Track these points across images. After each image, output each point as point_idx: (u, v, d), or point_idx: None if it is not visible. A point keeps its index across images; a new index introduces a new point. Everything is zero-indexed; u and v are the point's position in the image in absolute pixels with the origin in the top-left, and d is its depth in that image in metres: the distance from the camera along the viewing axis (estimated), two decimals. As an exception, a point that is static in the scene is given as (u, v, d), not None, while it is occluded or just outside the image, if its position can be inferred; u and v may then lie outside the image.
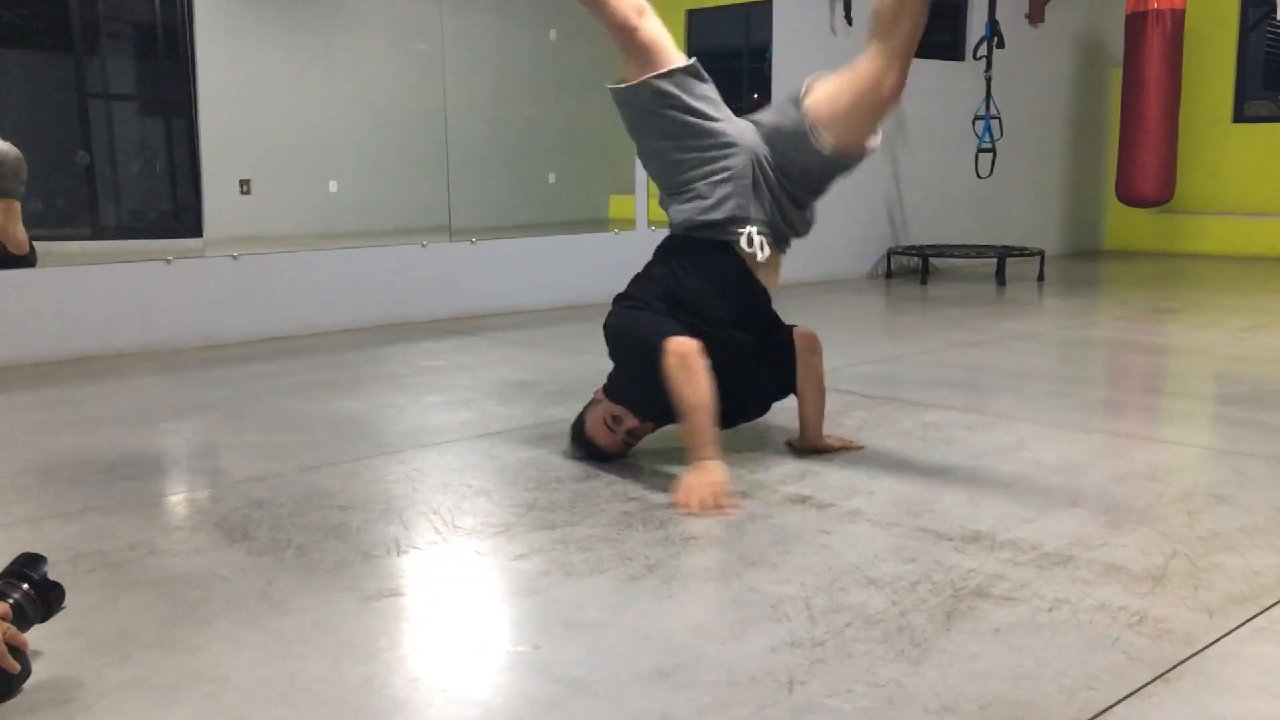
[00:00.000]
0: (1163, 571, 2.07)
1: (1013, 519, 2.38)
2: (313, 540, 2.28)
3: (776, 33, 6.74)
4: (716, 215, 2.71)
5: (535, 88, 6.53)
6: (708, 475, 2.49)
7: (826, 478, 2.71)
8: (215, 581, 2.06)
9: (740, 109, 2.92)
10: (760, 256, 2.76)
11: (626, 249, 6.10)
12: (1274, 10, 8.55)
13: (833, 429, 3.06)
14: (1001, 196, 8.10)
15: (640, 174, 6.11)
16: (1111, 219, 9.14)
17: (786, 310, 3.00)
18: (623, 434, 2.78)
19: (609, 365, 2.85)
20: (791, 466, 2.81)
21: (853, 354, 4.45)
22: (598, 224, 6.83)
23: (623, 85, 2.71)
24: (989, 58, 6.87)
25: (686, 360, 2.53)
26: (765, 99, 6.92)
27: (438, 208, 5.84)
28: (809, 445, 2.92)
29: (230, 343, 4.80)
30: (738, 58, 9.34)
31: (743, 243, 2.73)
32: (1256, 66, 9.05)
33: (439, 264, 5.50)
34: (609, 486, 2.63)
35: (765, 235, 2.77)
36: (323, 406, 3.57)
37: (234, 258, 4.86)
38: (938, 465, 2.82)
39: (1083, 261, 8.58)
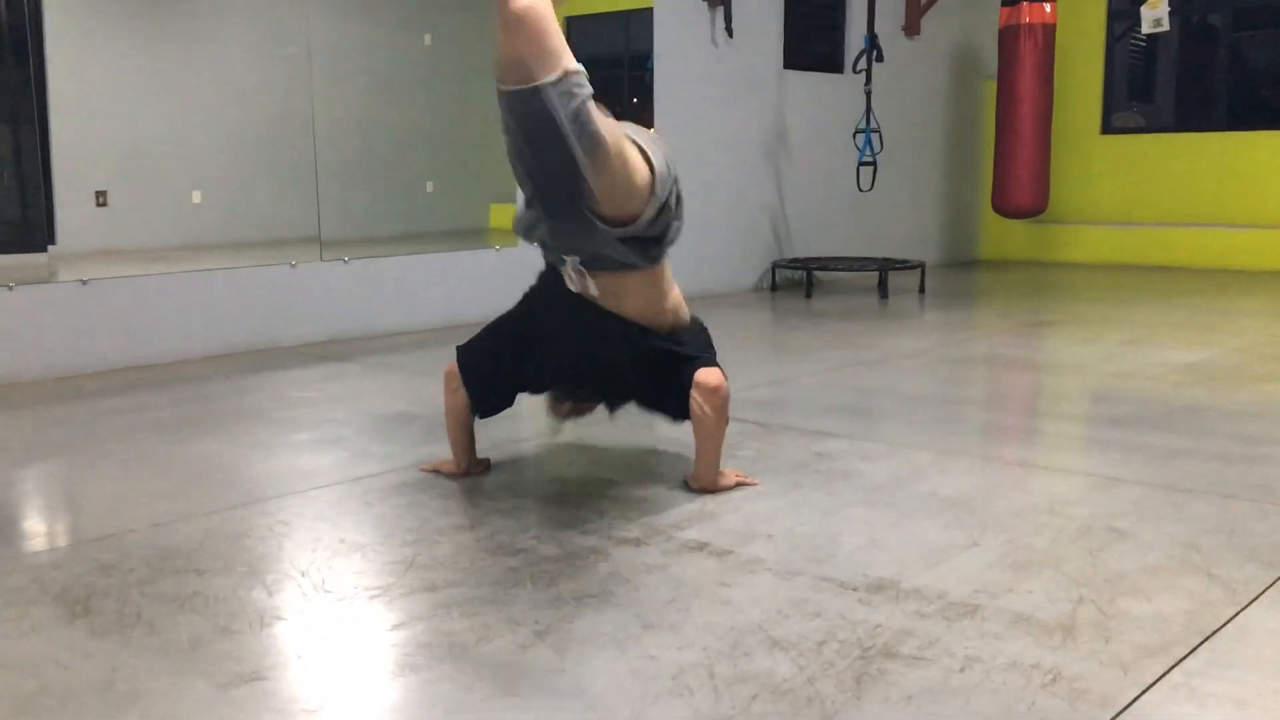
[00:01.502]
0: (1071, 620, 2.00)
1: (916, 562, 2.29)
2: (165, 614, 2.06)
3: (658, 43, 6.65)
4: (533, 239, 2.69)
5: (411, 94, 6.31)
6: None
7: (724, 520, 2.59)
8: (50, 669, 1.83)
9: (620, 114, 2.78)
10: (577, 287, 2.63)
11: (506, 265, 5.95)
12: (1138, 24, 8.81)
13: (728, 461, 2.95)
14: (882, 208, 8.15)
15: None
16: (987, 229, 9.29)
17: None
18: (566, 409, 3.04)
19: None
20: (688, 507, 2.68)
21: (742, 376, 4.34)
22: (478, 233, 6.64)
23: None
24: (868, 71, 6.88)
25: (447, 381, 2.87)
26: (646, 104, 6.82)
27: (309, 218, 5.58)
28: (702, 487, 2.80)
29: (81, 374, 4.47)
30: (619, 65, 9.25)
31: (566, 271, 2.65)
32: (1122, 79, 9.32)
33: (309, 284, 5.24)
34: (494, 538, 2.47)
35: (581, 264, 2.63)
36: (181, 448, 3.32)
37: (82, 282, 4.54)
38: (836, 502, 2.73)
39: (961, 271, 8.69)
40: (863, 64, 6.91)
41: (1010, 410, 4.02)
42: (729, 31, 6.88)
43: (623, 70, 9.19)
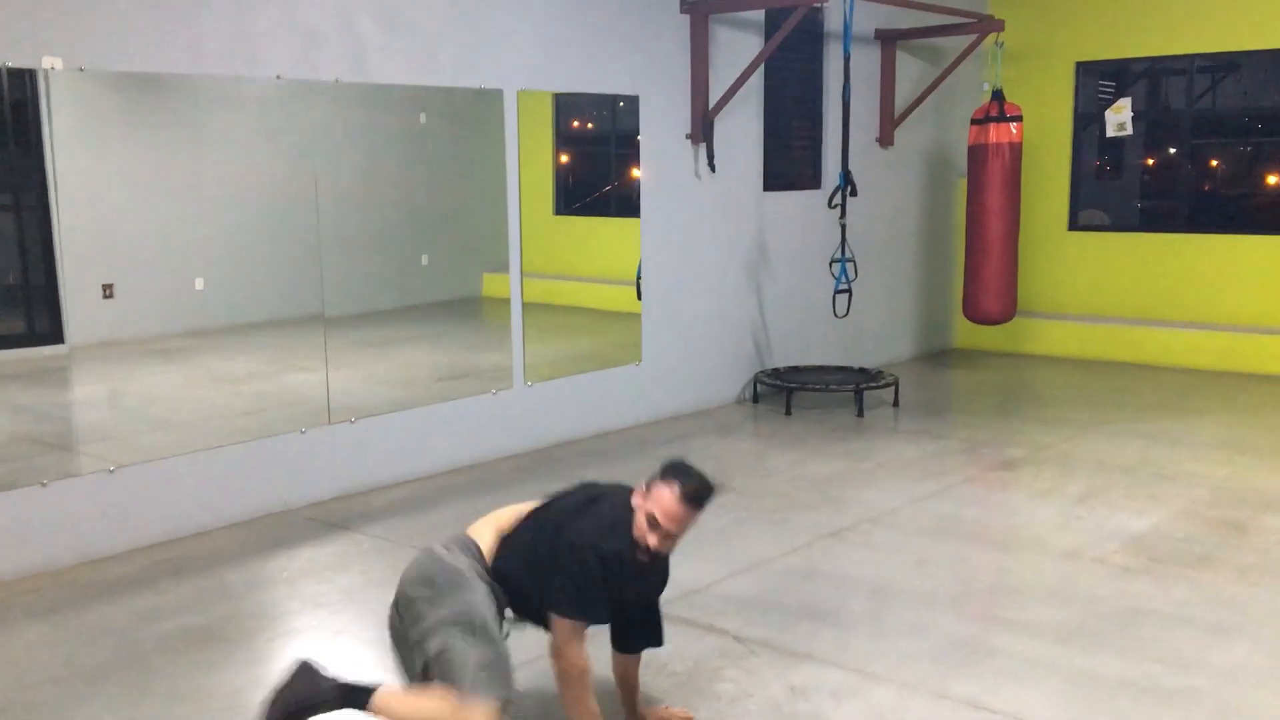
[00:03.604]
0: None
1: None
2: None
3: (644, 177, 6.99)
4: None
5: (406, 171, 6.58)
6: None
7: (705, 799, 2.93)
8: None
9: (608, 191, 3.09)
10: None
11: (504, 407, 6.31)
12: (1103, 128, 9.22)
13: (707, 697, 3.32)
14: (859, 311, 8.48)
15: (515, 254, 6.43)
16: (960, 322, 9.66)
17: (651, 468, 3.08)
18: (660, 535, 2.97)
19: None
20: (672, 780, 3.02)
21: (723, 557, 4.71)
22: (472, 302, 6.93)
23: None
24: (843, 205, 7.24)
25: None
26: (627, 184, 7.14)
27: (309, 296, 5.81)
28: None
29: (110, 557, 4.79)
30: (605, 142, 9.59)
31: None
32: (1089, 178, 9.71)
33: (318, 447, 5.57)
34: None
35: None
36: (211, 680, 3.64)
37: (110, 471, 4.86)
38: (805, 769, 3.07)
39: (935, 368, 9.07)
40: (837, 199, 7.26)
41: (966, 616, 4.21)
42: (711, 167, 7.24)
43: (610, 147, 9.54)
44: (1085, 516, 5.25)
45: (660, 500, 2.92)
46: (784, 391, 7.50)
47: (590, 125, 8.37)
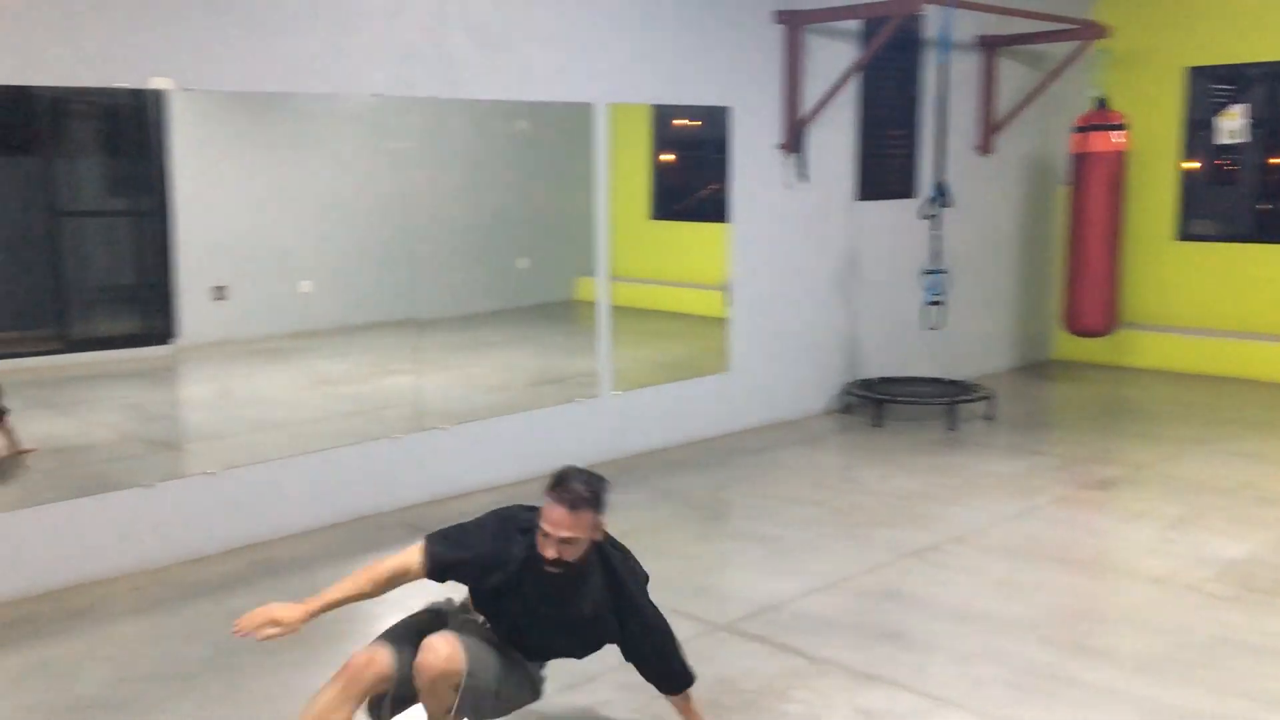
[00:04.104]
0: None
1: None
2: None
3: (734, 189, 7.01)
4: None
5: (503, 179, 6.74)
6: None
7: (766, 821, 2.95)
8: None
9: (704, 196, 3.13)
10: None
11: (591, 415, 6.40)
12: (1215, 136, 8.93)
13: (776, 716, 3.39)
14: (955, 322, 8.35)
15: (602, 261, 6.49)
16: (1060, 334, 9.44)
17: (737, 479, 3.14)
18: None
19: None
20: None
21: (801, 574, 4.71)
22: (566, 305, 7.04)
23: None
24: (937, 216, 7.15)
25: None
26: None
27: (408, 300, 5.99)
28: None
29: (209, 556, 5.00)
30: (702, 146, 9.61)
31: None
32: (1199, 187, 9.40)
33: (410, 453, 5.72)
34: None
35: None
36: (301, 679, 3.78)
37: (212, 474, 5.07)
38: (869, 795, 3.07)
39: (1033, 380, 8.90)
40: (930, 210, 7.18)
41: (1045, 642, 4.12)
42: (803, 176, 7.22)
43: (707, 152, 9.56)
44: (1179, 540, 5.12)
45: (545, 513, 2.94)
46: (874, 403, 7.44)
47: (688, 130, 8.42)
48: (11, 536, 4.53)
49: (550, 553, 2.92)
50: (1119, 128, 8.02)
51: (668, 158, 7.92)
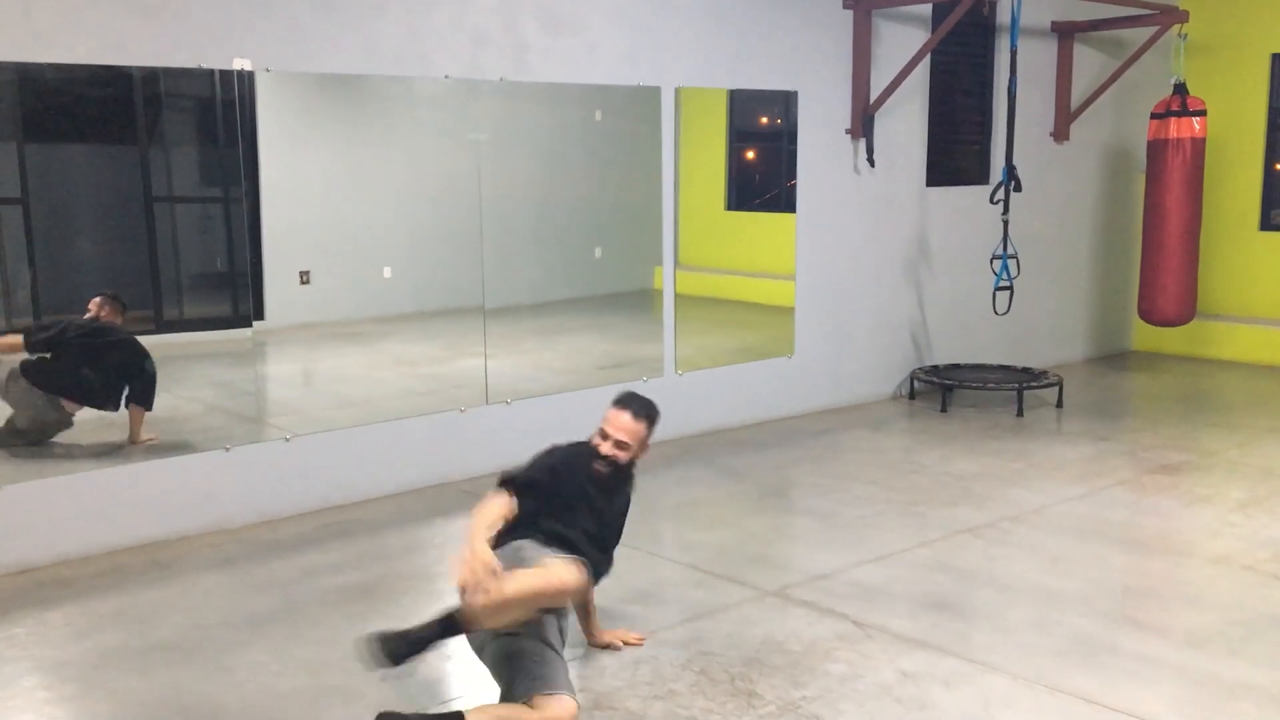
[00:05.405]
0: None
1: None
2: None
3: (801, 172, 7.07)
4: None
5: (580, 166, 6.87)
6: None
7: (800, 767, 3.04)
8: None
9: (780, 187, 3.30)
10: None
11: (654, 393, 6.46)
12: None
13: (818, 675, 3.48)
14: (1028, 310, 8.31)
15: (669, 248, 6.61)
16: (1138, 323, 9.31)
17: (798, 458, 3.30)
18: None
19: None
20: (771, 748, 3.14)
21: (854, 546, 4.77)
22: (643, 294, 7.15)
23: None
24: (1006, 201, 7.12)
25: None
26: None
27: (488, 286, 6.14)
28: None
29: (283, 518, 5.22)
30: (778, 138, 9.66)
31: None
32: (1283, 176, 9.19)
33: (476, 426, 5.89)
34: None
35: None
36: (361, 630, 3.96)
37: (286, 439, 5.29)
38: (903, 747, 3.14)
39: (1110, 370, 8.79)
40: (999, 195, 7.15)
41: (1095, 614, 4.13)
42: (871, 162, 7.25)
43: (783, 143, 9.62)
44: (1241, 524, 5.06)
45: (608, 417, 3.60)
46: (941, 389, 7.44)
47: (764, 120, 8.48)
48: (104, 492, 4.80)
49: (606, 449, 3.54)
50: (1199, 114, 7.89)
51: (744, 150, 8.00)
